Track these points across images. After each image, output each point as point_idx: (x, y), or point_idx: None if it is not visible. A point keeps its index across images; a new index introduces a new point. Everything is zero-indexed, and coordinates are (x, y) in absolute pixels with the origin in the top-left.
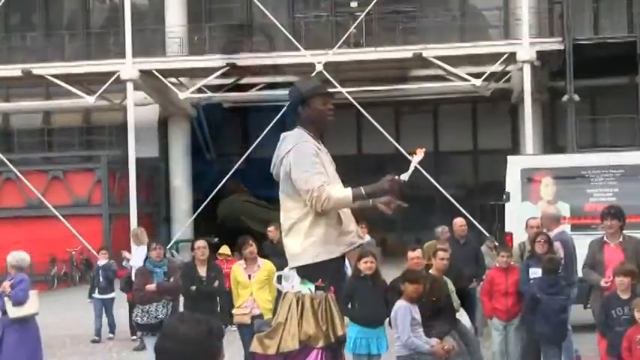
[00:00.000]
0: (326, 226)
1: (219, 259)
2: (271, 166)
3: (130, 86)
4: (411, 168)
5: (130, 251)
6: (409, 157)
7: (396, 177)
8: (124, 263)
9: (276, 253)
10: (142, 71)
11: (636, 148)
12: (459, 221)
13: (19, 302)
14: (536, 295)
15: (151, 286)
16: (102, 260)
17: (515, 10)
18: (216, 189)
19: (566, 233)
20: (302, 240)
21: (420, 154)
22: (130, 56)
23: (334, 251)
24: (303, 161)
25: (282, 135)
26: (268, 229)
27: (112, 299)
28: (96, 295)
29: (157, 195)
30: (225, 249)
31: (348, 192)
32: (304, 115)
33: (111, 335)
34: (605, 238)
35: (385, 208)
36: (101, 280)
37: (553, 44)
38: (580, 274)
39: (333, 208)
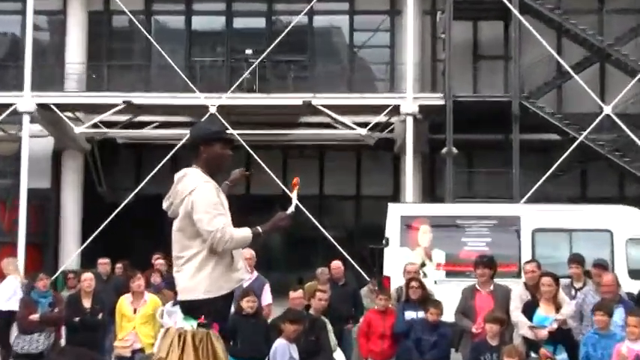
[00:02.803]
0: (218, 263)
1: None
2: (164, 203)
3: (26, 118)
4: (294, 201)
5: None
6: (291, 195)
7: (286, 213)
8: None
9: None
10: (39, 105)
11: (508, 200)
12: (334, 264)
13: None
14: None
15: (35, 316)
16: None
17: (400, 66)
18: (106, 222)
19: None
20: (193, 275)
21: (296, 188)
22: (29, 89)
23: (223, 287)
24: (205, 202)
25: (181, 172)
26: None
27: None
28: None
29: (47, 225)
30: None
31: (248, 233)
32: (203, 155)
33: None
34: (477, 286)
35: (283, 225)
36: None
37: (434, 99)
38: (453, 319)
39: (234, 248)
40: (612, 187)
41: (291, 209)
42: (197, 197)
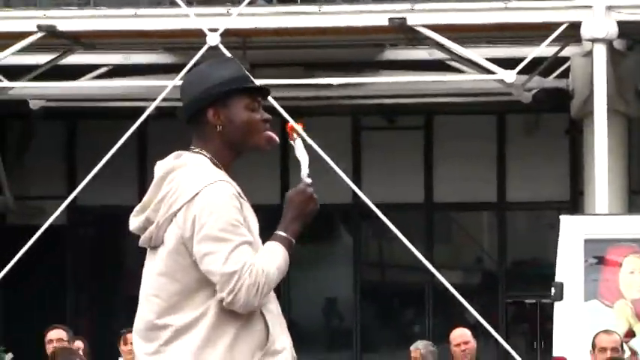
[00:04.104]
0: (239, 338)
1: None
2: (134, 219)
3: None
4: (302, 159)
5: None
6: (366, 201)
7: (304, 183)
8: None
9: None
10: None
11: None
12: (458, 335)
13: None
14: None
15: None
16: None
17: None
18: (13, 261)
19: None
20: None
21: (297, 135)
22: None
23: None
24: (219, 221)
25: (167, 162)
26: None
27: None
28: None
29: None
30: None
31: (281, 253)
32: (213, 126)
33: None
34: None
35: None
36: None
37: None
38: None
39: (269, 292)
40: None
41: (305, 173)
42: (202, 211)
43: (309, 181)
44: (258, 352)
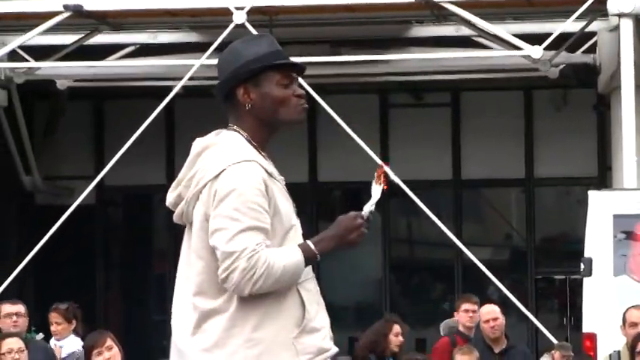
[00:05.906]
0: (265, 316)
1: None
2: (170, 194)
3: None
4: (374, 197)
5: None
6: (394, 178)
7: (361, 215)
8: None
9: None
10: None
11: None
12: (487, 312)
13: None
14: None
15: None
16: None
17: None
18: (40, 243)
19: None
20: (217, 343)
21: (381, 179)
22: None
23: None
24: (237, 200)
25: (205, 139)
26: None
27: None
28: None
29: None
30: None
31: (297, 257)
32: (245, 104)
33: None
34: None
35: (353, 240)
36: None
37: None
38: None
39: (273, 287)
40: None
41: (367, 209)
42: (223, 188)
43: (366, 215)
44: (296, 329)
